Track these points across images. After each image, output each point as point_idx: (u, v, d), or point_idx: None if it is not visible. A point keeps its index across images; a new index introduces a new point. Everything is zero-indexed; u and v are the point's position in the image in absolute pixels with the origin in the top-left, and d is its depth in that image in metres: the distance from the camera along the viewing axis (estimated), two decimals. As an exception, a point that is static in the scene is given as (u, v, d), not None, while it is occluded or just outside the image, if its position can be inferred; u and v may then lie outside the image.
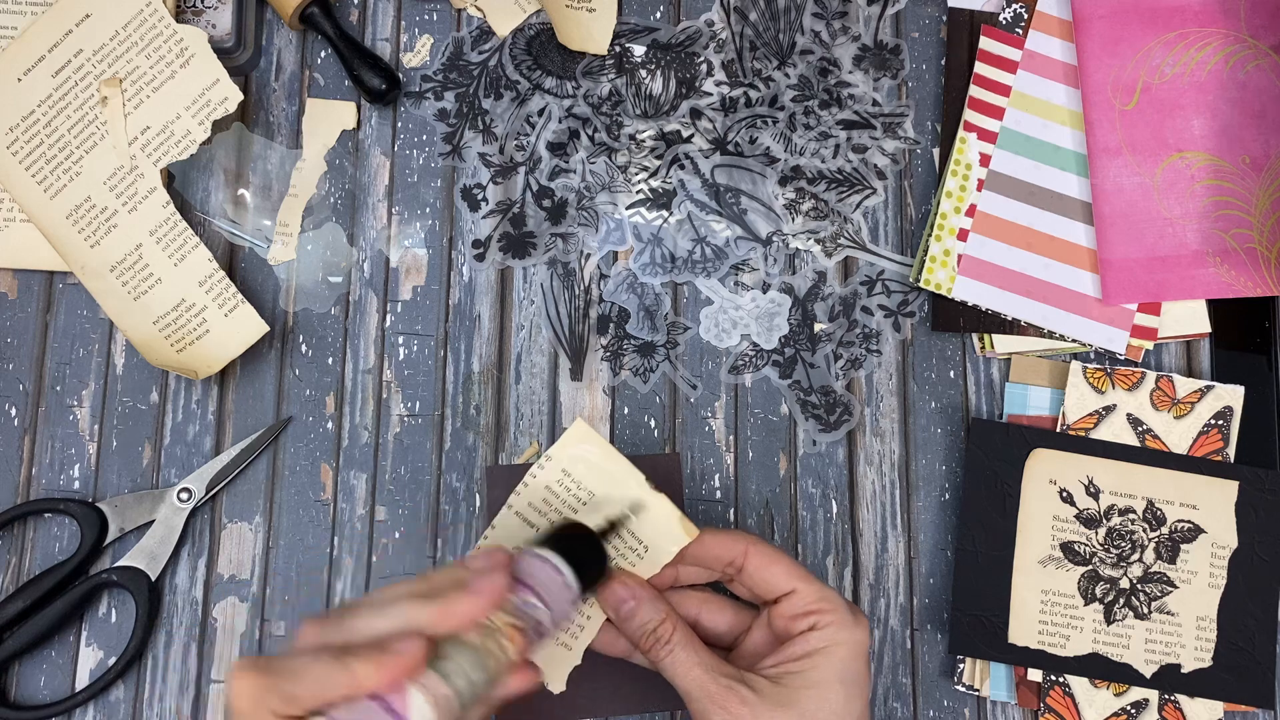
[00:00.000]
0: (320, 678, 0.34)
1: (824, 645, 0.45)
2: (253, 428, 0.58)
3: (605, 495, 0.47)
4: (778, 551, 0.47)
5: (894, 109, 0.62)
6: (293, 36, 0.62)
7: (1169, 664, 0.55)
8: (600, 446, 0.47)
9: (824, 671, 0.44)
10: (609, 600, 0.47)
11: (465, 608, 0.38)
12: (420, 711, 0.34)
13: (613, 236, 0.60)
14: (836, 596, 0.46)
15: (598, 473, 0.47)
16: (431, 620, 0.37)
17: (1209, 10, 0.61)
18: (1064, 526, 0.56)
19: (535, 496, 0.47)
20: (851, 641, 0.45)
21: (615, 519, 0.46)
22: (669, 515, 0.46)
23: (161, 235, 0.57)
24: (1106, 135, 0.60)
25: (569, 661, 0.47)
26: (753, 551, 0.47)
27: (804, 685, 0.44)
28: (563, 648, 0.48)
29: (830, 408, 0.59)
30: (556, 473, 0.47)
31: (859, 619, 0.46)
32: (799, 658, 0.45)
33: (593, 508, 0.47)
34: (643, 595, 0.46)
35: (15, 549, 0.57)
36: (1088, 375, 0.58)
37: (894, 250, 0.61)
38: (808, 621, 0.45)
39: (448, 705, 0.35)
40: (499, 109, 0.62)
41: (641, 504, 0.47)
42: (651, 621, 0.46)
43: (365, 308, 0.60)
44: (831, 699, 0.44)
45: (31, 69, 0.57)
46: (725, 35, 0.63)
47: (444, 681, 0.36)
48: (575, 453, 0.47)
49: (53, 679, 0.55)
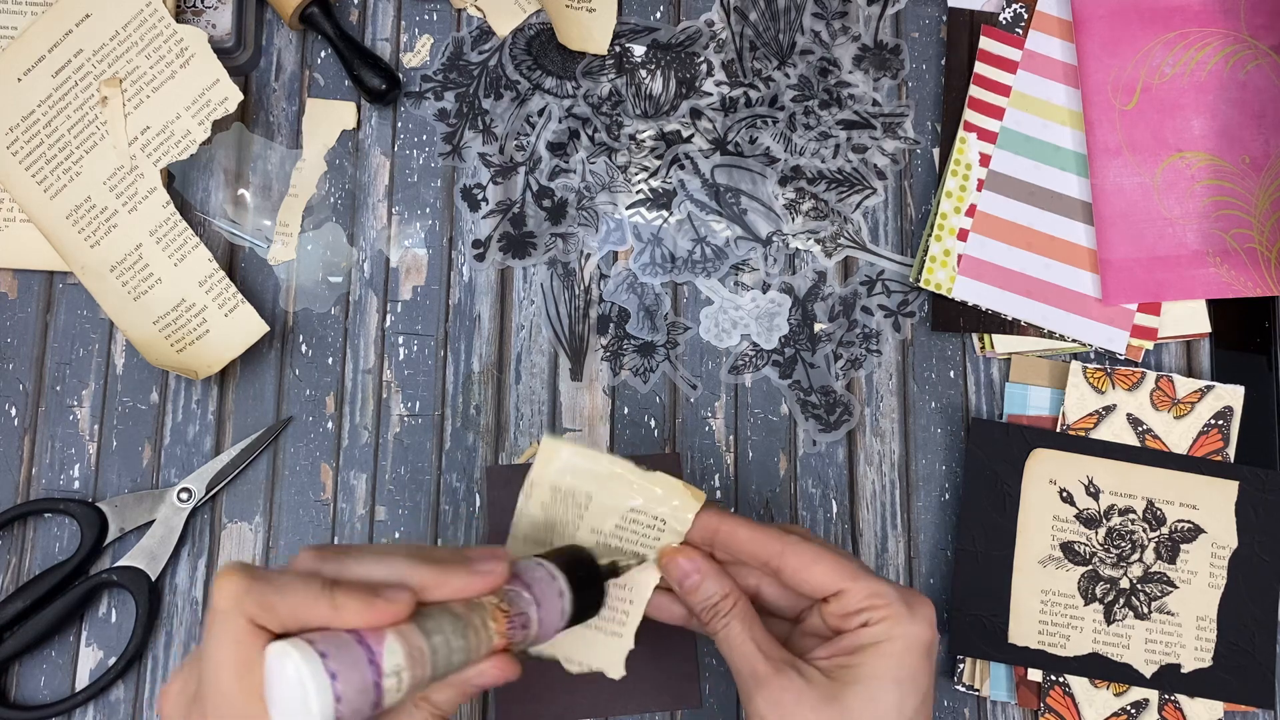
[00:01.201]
0: (305, 600, 0.34)
1: (876, 640, 0.42)
2: (253, 428, 0.58)
3: (603, 493, 0.47)
4: (820, 549, 0.44)
5: (894, 109, 0.62)
6: (293, 36, 0.62)
7: (1169, 664, 0.55)
8: (578, 452, 0.46)
9: (874, 667, 0.42)
10: (674, 573, 0.45)
11: (462, 581, 0.37)
12: (394, 656, 0.34)
13: (613, 236, 0.60)
14: (890, 590, 0.43)
15: (586, 475, 0.46)
16: (425, 582, 0.36)
17: (1209, 10, 0.61)
18: (1064, 526, 0.56)
19: (536, 518, 0.47)
20: (907, 636, 0.42)
21: (620, 565, 0.46)
22: (672, 486, 0.46)
23: (161, 235, 0.57)
24: (1106, 135, 0.60)
25: (623, 648, 0.47)
26: (789, 552, 0.44)
27: (854, 681, 0.42)
28: (614, 637, 0.47)
29: (830, 408, 0.59)
30: (546, 493, 0.47)
31: (917, 612, 0.43)
32: (851, 651, 0.42)
33: (596, 511, 0.47)
34: (707, 569, 0.45)
35: (15, 549, 0.57)
36: (1088, 375, 0.58)
37: (894, 250, 0.61)
38: (859, 619, 0.43)
39: (420, 659, 0.35)
40: (499, 109, 0.62)
41: (645, 557, 0.47)
42: (714, 595, 0.45)
43: (365, 308, 0.60)
44: (881, 698, 0.42)
45: (31, 69, 0.57)
46: (725, 35, 0.63)
47: (423, 637, 0.35)
48: (558, 466, 0.46)
49: (53, 679, 0.55)
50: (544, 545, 0.47)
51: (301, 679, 0.32)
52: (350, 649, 0.34)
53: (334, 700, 0.33)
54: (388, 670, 0.34)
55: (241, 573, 0.34)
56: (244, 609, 0.33)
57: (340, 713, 0.33)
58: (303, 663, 0.32)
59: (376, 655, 0.34)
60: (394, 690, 0.34)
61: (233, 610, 0.33)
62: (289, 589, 0.34)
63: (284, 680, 0.33)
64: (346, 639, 0.34)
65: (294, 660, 0.32)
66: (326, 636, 0.34)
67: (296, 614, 0.34)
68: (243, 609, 0.33)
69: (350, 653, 0.34)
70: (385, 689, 0.34)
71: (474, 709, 0.55)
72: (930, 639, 0.43)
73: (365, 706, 0.34)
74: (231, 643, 0.33)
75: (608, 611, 0.47)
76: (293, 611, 0.34)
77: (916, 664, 0.42)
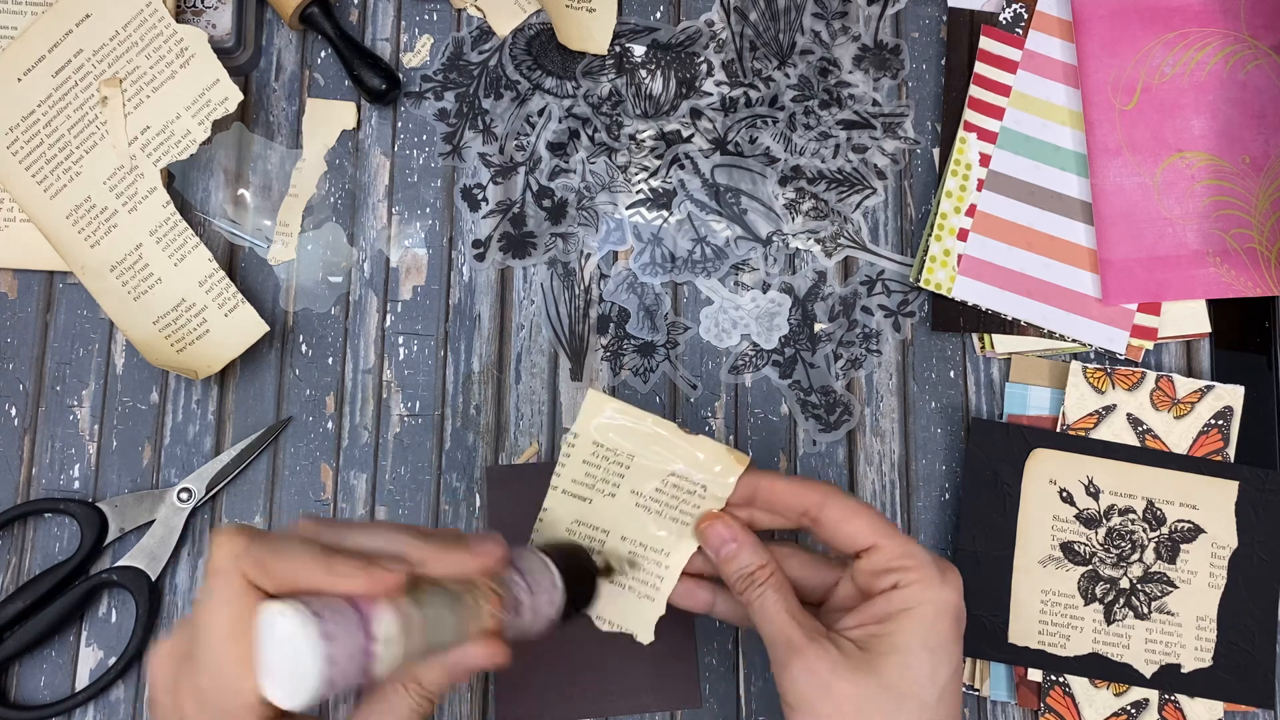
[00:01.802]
0: (302, 563, 0.34)
1: (907, 606, 0.42)
2: (253, 428, 0.58)
3: (645, 454, 0.47)
4: (859, 504, 0.44)
5: (894, 109, 0.62)
6: (293, 36, 0.62)
7: (1169, 664, 0.55)
8: (622, 409, 0.47)
9: (907, 636, 0.41)
10: (711, 541, 0.45)
11: (459, 559, 0.37)
12: (386, 624, 0.34)
13: (613, 236, 0.60)
14: (923, 552, 0.43)
15: (629, 434, 0.47)
16: (423, 558, 0.37)
17: (1209, 10, 0.61)
18: (1064, 526, 0.56)
19: (577, 473, 0.48)
20: (937, 602, 0.42)
21: (613, 565, 0.47)
22: (715, 450, 0.46)
23: (161, 235, 0.57)
24: (1106, 135, 0.60)
25: (654, 612, 0.47)
26: (830, 503, 0.44)
27: (887, 650, 0.41)
28: (646, 600, 0.48)
29: (830, 408, 0.59)
30: (589, 446, 0.47)
31: (947, 577, 0.43)
32: (881, 619, 0.42)
33: (637, 473, 0.47)
34: (744, 539, 0.45)
35: (15, 549, 0.57)
36: (1088, 375, 0.58)
37: (894, 250, 0.61)
38: (890, 579, 0.42)
39: (412, 631, 0.35)
40: (499, 109, 0.62)
41: (635, 560, 0.47)
42: (750, 564, 0.45)
43: (365, 308, 0.60)
44: (914, 666, 0.41)
45: (31, 69, 0.57)
46: (725, 35, 0.63)
47: (416, 609, 0.35)
48: (601, 422, 0.47)
49: (53, 679, 0.55)
50: (584, 502, 0.48)
51: (294, 638, 0.32)
52: (343, 613, 0.34)
53: (326, 662, 0.32)
54: (379, 637, 0.34)
55: (241, 533, 0.34)
56: (241, 567, 0.33)
57: (330, 675, 0.33)
58: (297, 623, 0.32)
59: (369, 621, 0.34)
60: (385, 659, 0.34)
61: (230, 569, 0.33)
62: (287, 551, 0.34)
63: (277, 640, 0.33)
64: (340, 603, 0.34)
65: (287, 619, 0.32)
66: (320, 600, 0.34)
67: (292, 577, 0.34)
68: (240, 567, 0.33)
69: (343, 616, 0.34)
70: (376, 656, 0.34)
71: (474, 709, 0.56)
72: (960, 606, 0.43)
73: (355, 672, 0.34)
74: (226, 601, 0.33)
75: (642, 574, 0.47)
76: (289, 574, 0.34)
77: (948, 631, 0.42)
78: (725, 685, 0.56)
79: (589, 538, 0.48)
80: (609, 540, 0.48)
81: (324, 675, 0.33)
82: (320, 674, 0.33)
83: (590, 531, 0.48)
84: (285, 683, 0.33)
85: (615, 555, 0.47)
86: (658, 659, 0.55)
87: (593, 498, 0.48)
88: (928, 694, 0.41)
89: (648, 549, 0.47)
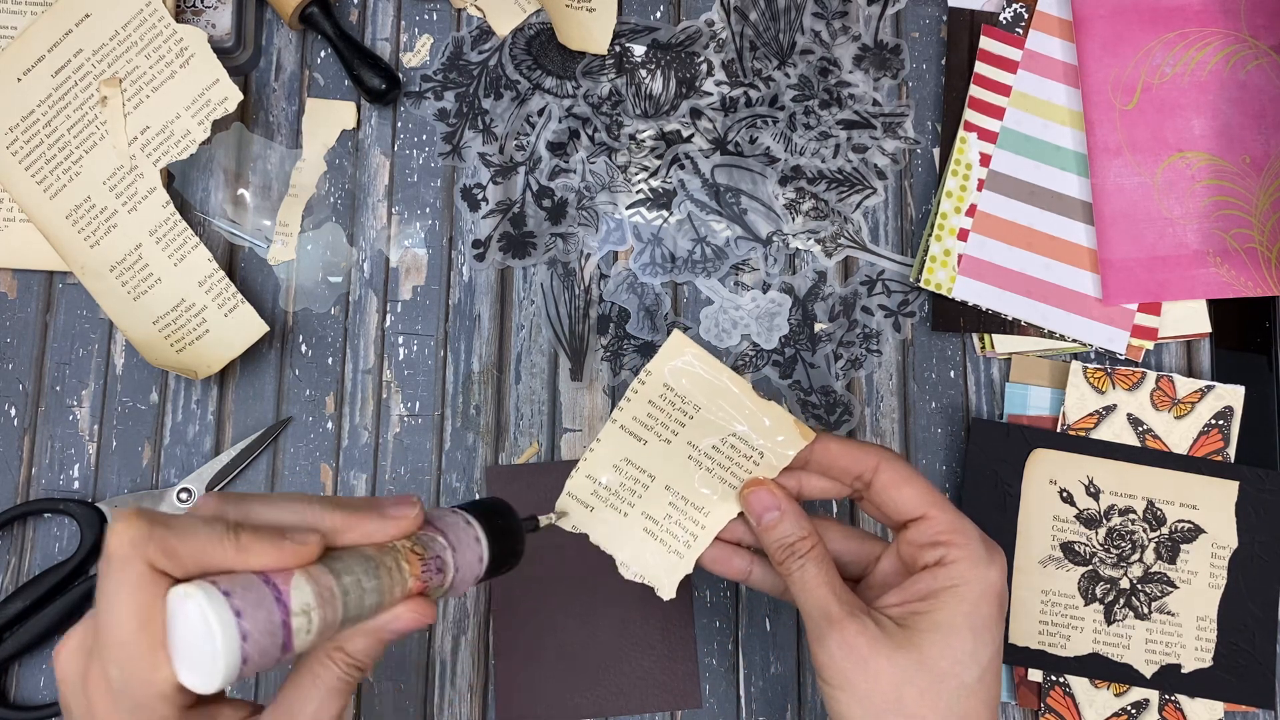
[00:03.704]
0: (207, 543, 0.33)
1: (951, 584, 0.41)
2: (253, 428, 0.58)
3: (712, 407, 0.46)
4: (913, 472, 0.43)
5: (894, 109, 0.62)
6: (293, 36, 0.62)
7: (1169, 664, 0.55)
8: (701, 357, 0.46)
9: (950, 613, 0.40)
10: (754, 507, 0.45)
11: (373, 524, 0.36)
12: (301, 594, 0.33)
13: (613, 236, 0.60)
14: (972, 528, 0.42)
15: (702, 384, 0.46)
16: (335, 525, 0.35)
17: (1209, 10, 0.61)
18: (1064, 526, 0.56)
19: (640, 411, 0.47)
20: (983, 580, 0.41)
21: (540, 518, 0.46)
22: (782, 419, 0.45)
23: (161, 235, 0.57)
24: (1107, 135, 0.60)
25: (680, 569, 0.46)
26: (884, 467, 0.43)
27: (929, 628, 0.40)
28: (674, 555, 0.47)
29: (830, 408, 0.59)
30: (658, 387, 0.46)
31: (994, 556, 0.42)
32: (924, 596, 0.41)
33: (699, 425, 0.46)
34: (788, 508, 0.44)
35: (15, 549, 0.57)
36: (1088, 375, 0.58)
37: (894, 250, 0.61)
38: (936, 554, 0.42)
39: (330, 599, 0.34)
40: (499, 109, 0.62)
41: (564, 511, 0.47)
42: (792, 535, 0.44)
43: (365, 308, 0.59)
44: (956, 645, 0.40)
45: (31, 69, 0.57)
46: (725, 35, 0.63)
47: (332, 577, 0.34)
48: (676, 365, 0.46)
49: (53, 679, 0.55)
50: (639, 442, 0.47)
51: (206, 618, 0.31)
52: (255, 588, 0.33)
53: (239, 639, 0.31)
54: (295, 609, 0.33)
55: (140, 517, 0.32)
56: (144, 554, 0.32)
57: (246, 652, 0.32)
58: (205, 602, 0.31)
59: (283, 594, 0.33)
60: (304, 631, 0.33)
61: (131, 556, 0.32)
62: (192, 533, 0.33)
63: (187, 623, 0.32)
64: (251, 579, 0.33)
65: (196, 600, 0.31)
66: (230, 578, 0.33)
67: (199, 558, 0.32)
68: (143, 554, 0.32)
69: (255, 591, 0.32)
70: (294, 629, 0.33)
71: (474, 709, 0.56)
72: (1004, 588, 0.42)
73: (273, 647, 0.33)
74: (131, 590, 0.32)
75: (676, 528, 0.46)
76: (195, 555, 0.32)
77: (991, 612, 0.41)
78: (725, 685, 0.56)
79: (634, 479, 0.47)
80: (652, 486, 0.47)
81: (239, 654, 0.31)
82: (235, 653, 0.31)
83: (635, 473, 0.47)
84: (200, 666, 0.32)
85: (554, 514, 0.46)
86: (658, 659, 0.55)
87: (649, 439, 0.47)
88: (968, 674, 0.40)
89: (688, 504, 0.46)
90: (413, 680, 0.56)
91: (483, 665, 0.56)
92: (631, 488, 0.47)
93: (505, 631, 0.56)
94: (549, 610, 0.56)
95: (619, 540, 0.47)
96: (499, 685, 0.55)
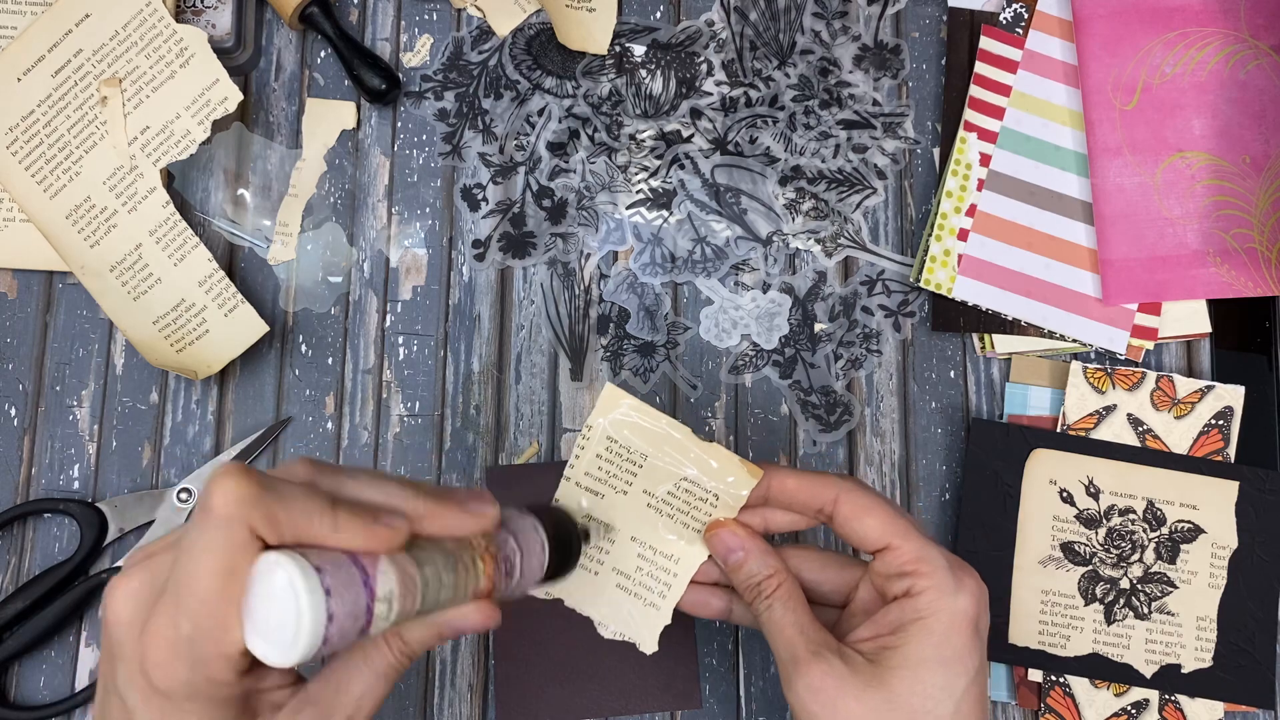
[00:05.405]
0: (308, 515, 0.32)
1: (918, 616, 0.40)
2: (253, 428, 0.58)
3: (658, 455, 0.46)
4: (874, 500, 0.42)
5: (894, 109, 0.62)
6: (293, 36, 0.62)
7: (1169, 664, 0.55)
8: (638, 407, 0.46)
9: (918, 647, 0.40)
10: (719, 548, 0.44)
11: (456, 517, 0.36)
12: (387, 581, 0.33)
13: (613, 236, 0.60)
14: (938, 556, 0.41)
15: (643, 433, 0.46)
16: (421, 513, 0.35)
17: (1209, 10, 0.61)
18: (1064, 527, 0.56)
19: (590, 466, 0.47)
20: (951, 610, 0.40)
21: (592, 532, 0.46)
22: (728, 460, 0.45)
23: (161, 235, 0.57)
24: (1107, 135, 0.60)
25: (659, 620, 0.46)
26: (844, 499, 0.42)
27: (899, 664, 0.40)
28: (651, 608, 0.46)
29: (830, 408, 0.59)
30: (602, 440, 0.46)
31: (963, 583, 0.40)
32: (894, 630, 0.40)
33: (650, 473, 0.46)
34: (753, 547, 0.44)
35: (15, 549, 0.57)
36: (1088, 375, 0.58)
37: (894, 250, 0.61)
38: (903, 584, 0.41)
39: (411, 589, 0.34)
40: (499, 109, 0.62)
41: (610, 525, 0.46)
42: (758, 574, 0.43)
43: (365, 308, 0.59)
44: (926, 680, 0.39)
45: (31, 69, 0.57)
46: (725, 35, 0.63)
47: (415, 567, 0.34)
48: (616, 417, 0.46)
49: (53, 679, 0.55)
50: (596, 496, 0.47)
51: (296, 592, 0.30)
52: (346, 569, 0.32)
53: (325, 619, 0.31)
54: (380, 595, 0.33)
55: (249, 477, 0.31)
56: (248, 517, 0.31)
57: (329, 634, 0.31)
58: (300, 576, 0.31)
59: (370, 579, 0.33)
60: (383, 617, 0.33)
61: (235, 516, 0.31)
62: (294, 503, 0.32)
63: (272, 593, 0.31)
64: (341, 558, 0.32)
65: (290, 572, 0.31)
66: (320, 553, 0.32)
67: (296, 529, 0.32)
68: (247, 517, 0.31)
69: (346, 572, 0.32)
70: (375, 614, 0.33)
71: (474, 709, 0.56)
72: (976, 614, 0.41)
73: (353, 631, 0.32)
74: (223, 549, 0.31)
75: (649, 579, 0.46)
76: (293, 525, 0.32)
77: (963, 642, 0.40)
78: (725, 685, 0.56)
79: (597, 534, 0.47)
80: (618, 540, 0.47)
81: (323, 633, 0.31)
82: (318, 632, 0.31)
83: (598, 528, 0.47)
84: (279, 639, 0.31)
85: (595, 522, 0.46)
86: (658, 659, 0.55)
87: (605, 492, 0.47)
88: (942, 708, 0.39)
89: (657, 553, 0.46)
90: (413, 680, 0.56)
91: (483, 666, 0.56)
92: (598, 544, 0.47)
93: (505, 632, 0.56)
94: (549, 610, 0.56)
95: (593, 600, 0.46)
96: (499, 686, 0.55)
